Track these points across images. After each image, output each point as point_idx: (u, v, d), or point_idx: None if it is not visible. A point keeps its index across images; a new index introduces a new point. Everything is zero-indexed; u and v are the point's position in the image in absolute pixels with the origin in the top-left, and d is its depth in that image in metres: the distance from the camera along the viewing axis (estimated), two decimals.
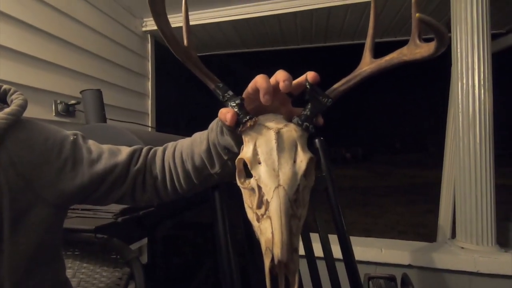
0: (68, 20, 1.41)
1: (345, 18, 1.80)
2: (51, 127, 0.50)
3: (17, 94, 0.46)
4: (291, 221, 0.32)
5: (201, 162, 0.50)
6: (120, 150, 0.54)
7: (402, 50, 0.37)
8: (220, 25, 1.88)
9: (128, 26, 1.85)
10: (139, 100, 1.98)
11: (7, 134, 0.42)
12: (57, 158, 0.47)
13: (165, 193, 0.56)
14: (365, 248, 1.44)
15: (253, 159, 0.35)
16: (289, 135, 0.36)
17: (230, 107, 0.38)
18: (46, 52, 1.29)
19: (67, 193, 0.48)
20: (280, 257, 0.29)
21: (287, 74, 0.37)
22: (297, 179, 0.34)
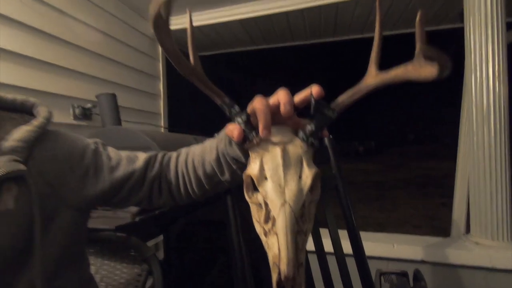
0: (83, 26, 1.46)
1: (353, 12, 1.78)
2: (73, 136, 0.53)
3: (42, 106, 0.50)
4: (297, 237, 0.33)
5: (211, 170, 0.52)
6: (137, 156, 0.57)
7: (407, 67, 0.37)
8: (228, 24, 1.89)
9: (139, 29, 1.89)
10: (151, 100, 2.03)
11: (35, 145, 0.45)
12: (79, 166, 0.51)
13: (179, 197, 0.59)
14: (377, 243, 1.44)
15: (260, 175, 0.36)
16: (294, 152, 0.37)
17: (237, 123, 0.39)
18: (62, 58, 1.34)
19: (90, 198, 0.52)
20: (286, 273, 0.31)
21: (288, 97, 0.37)
22: (303, 195, 0.35)
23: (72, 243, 0.51)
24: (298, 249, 0.33)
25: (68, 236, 0.50)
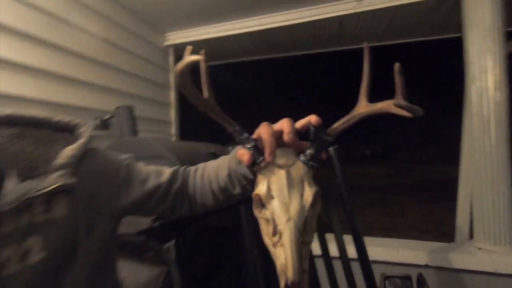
0: (101, 41, 1.55)
1: (357, 24, 1.85)
2: (109, 153, 0.61)
3: (84, 127, 0.57)
4: (301, 247, 0.38)
5: (224, 185, 0.60)
6: (163, 171, 0.65)
7: (390, 103, 0.44)
8: (237, 36, 1.97)
9: (152, 42, 1.98)
10: (163, 109, 2.11)
11: (80, 162, 0.52)
12: (114, 180, 0.58)
13: (196, 208, 0.67)
14: (381, 248, 1.49)
15: (267, 194, 0.41)
16: (297, 173, 0.42)
17: (246, 148, 0.45)
18: (82, 73, 1.43)
19: (123, 208, 0.59)
20: (292, 279, 0.36)
21: (291, 127, 0.44)
22: (305, 211, 0.40)
23: (107, 248, 0.58)
24: (302, 258, 0.37)
25: (105, 242, 0.57)
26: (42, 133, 0.53)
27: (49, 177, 0.47)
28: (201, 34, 2.01)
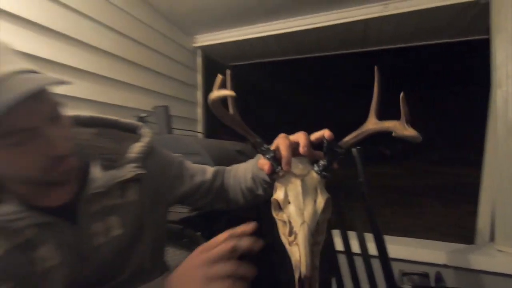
0: (138, 45, 1.67)
1: (382, 27, 1.87)
2: (165, 152, 0.72)
3: (145, 128, 0.68)
4: (313, 247, 0.44)
5: (250, 185, 0.69)
6: (207, 169, 0.76)
7: (396, 124, 0.50)
8: (263, 38, 2.05)
9: (182, 44, 2.10)
10: (190, 108, 2.23)
11: (146, 157, 0.63)
12: (170, 173, 0.69)
13: (230, 203, 0.77)
14: (400, 246, 1.53)
15: (285, 200, 0.47)
16: (311, 182, 0.48)
17: (266, 158, 0.51)
18: (122, 74, 1.56)
19: (175, 197, 0.70)
20: (305, 274, 0.42)
21: (306, 140, 0.50)
22: (317, 216, 0.46)
23: (162, 228, 0.69)
24: (314, 256, 0.43)
25: (161, 223, 0.68)
26: (114, 132, 0.64)
27: (126, 167, 0.58)
28: (228, 37, 2.10)
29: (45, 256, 0.50)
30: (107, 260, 0.56)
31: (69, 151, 0.49)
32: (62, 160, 0.48)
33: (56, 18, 1.21)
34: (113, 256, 0.56)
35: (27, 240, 0.48)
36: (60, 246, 0.51)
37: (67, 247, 0.52)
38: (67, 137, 0.49)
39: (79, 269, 0.53)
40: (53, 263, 0.50)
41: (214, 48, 2.26)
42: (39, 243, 0.49)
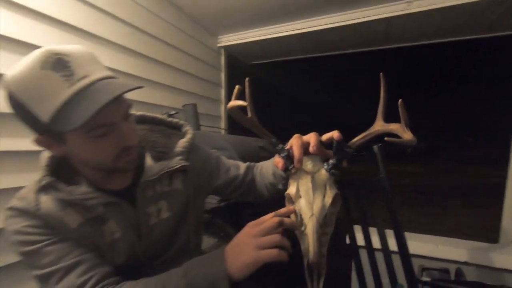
0: (165, 46, 1.78)
1: (405, 25, 1.87)
2: (204, 147, 0.81)
3: (188, 126, 0.77)
4: (321, 237, 0.49)
5: (272, 181, 0.76)
6: (240, 165, 0.84)
7: (398, 127, 0.55)
8: (284, 38, 2.10)
9: (207, 44, 2.19)
10: (214, 105, 2.33)
11: (189, 151, 0.72)
12: (209, 166, 0.78)
13: (257, 197, 0.84)
14: (420, 243, 1.55)
15: (296, 194, 0.53)
16: (320, 179, 0.53)
17: (280, 157, 0.58)
18: (153, 74, 1.67)
19: (212, 188, 0.79)
20: (312, 260, 0.48)
21: (316, 139, 0.56)
22: (325, 209, 0.51)
23: (201, 216, 0.78)
24: (321, 245, 0.49)
25: (200, 209, 0.77)
26: (163, 129, 0.74)
27: (174, 160, 0.67)
28: (250, 37, 2.17)
29: (111, 230, 0.60)
30: (157, 238, 0.65)
31: (135, 143, 0.58)
32: (129, 150, 0.57)
33: (94, 22, 1.32)
34: (162, 235, 0.66)
35: (97, 215, 0.59)
36: (122, 222, 0.61)
37: (128, 224, 0.61)
38: (134, 131, 0.59)
39: (137, 244, 0.63)
40: (117, 236, 0.60)
41: (237, 47, 2.33)
42: (106, 219, 0.60)
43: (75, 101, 0.49)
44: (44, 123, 0.50)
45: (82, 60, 0.52)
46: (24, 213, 0.55)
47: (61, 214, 0.56)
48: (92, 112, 0.47)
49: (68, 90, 0.49)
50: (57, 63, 0.49)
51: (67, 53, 0.50)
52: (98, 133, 0.52)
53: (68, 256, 0.55)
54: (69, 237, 0.57)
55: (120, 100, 0.55)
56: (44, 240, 0.55)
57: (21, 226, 0.55)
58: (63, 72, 0.49)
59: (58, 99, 0.48)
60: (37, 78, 0.48)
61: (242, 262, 0.48)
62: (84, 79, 0.50)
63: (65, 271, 0.54)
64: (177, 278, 0.51)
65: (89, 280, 0.54)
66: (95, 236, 0.59)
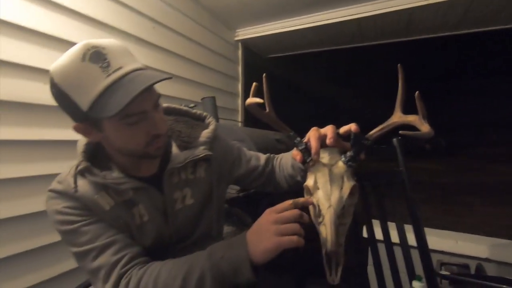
0: (185, 39, 1.81)
1: (428, 16, 1.82)
2: (226, 138, 0.84)
3: (211, 117, 0.80)
4: (339, 227, 0.50)
5: (291, 173, 0.78)
6: (260, 156, 0.87)
7: (416, 119, 0.54)
8: (302, 31, 2.09)
9: (225, 38, 2.21)
10: (231, 99, 2.35)
11: (212, 141, 0.74)
12: (230, 156, 0.81)
13: (277, 187, 0.86)
14: (440, 238, 1.53)
15: (314, 186, 0.54)
16: (337, 171, 0.54)
17: (298, 150, 0.59)
18: (172, 67, 1.71)
19: (233, 178, 0.82)
20: (330, 249, 0.49)
21: (333, 132, 0.57)
22: (343, 201, 0.52)
23: (223, 204, 0.81)
24: (339, 235, 0.50)
25: (222, 198, 0.79)
26: (187, 120, 0.77)
27: (198, 149, 0.70)
28: (267, 30, 2.17)
29: (140, 213, 0.64)
30: (182, 223, 0.69)
31: (165, 130, 0.61)
32: (159, 138, 0.60)
33: (117, 16, 1.36)
34: (186, 220, 0.69)
35: (127, 199, 0.63)
36: (150, 207, 0.65)
37: (155, 208, 0.65)
38: (164, 120, 0.62)
39: (164, 228, 0.67)
40: (145, 219, 0.64)
41: (254, 41, 2.34)
42: (136, 203, 0.64)
43: (111, 90, 0.52)
44: (84, 111, 0.53)
45: (117, 52, 0.55)
46: (64, 195, 0.60)
47: (95, 197, 0.60)
48: (126, 101, 0.50)
49: (105, 80, 0.52)
50: (95, 55, 0.52)
51: (104, 46, 0.54)
52: (131, 121, 0.56)
53: (103, 236, 0.59)
54: (103, 219, 0.61)
55: (151, 90, 0.58)
56: (82, 221, 0.59)
57: (61, 207, 0.59)
58: (101, 64, 0.52)
59: (96, 89, 0.52)
60: (78, 69, 0.52)
61: (264, 247, 0.49)
62: (119, 70, 0.53)
63: (100, 249, 0.58)
64: (202, 260, 0.53)
65: (122, 259, 0.58)
66: (126, 219, 0.62)
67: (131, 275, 0.57)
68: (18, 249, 0.99)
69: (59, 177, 0.63)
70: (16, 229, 0.99)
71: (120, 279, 0.56)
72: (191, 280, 0.53)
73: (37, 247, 1.04)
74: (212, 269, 0.52)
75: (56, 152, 1.10)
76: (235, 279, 0.52)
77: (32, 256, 1.03)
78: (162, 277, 0.55)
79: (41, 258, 1.05)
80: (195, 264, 0.54)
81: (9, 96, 0.97)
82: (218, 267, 0.52)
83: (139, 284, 0.55)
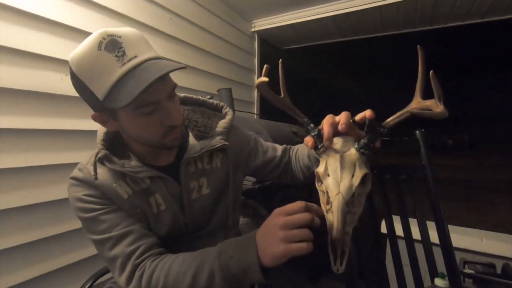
0: (201, 30, 1.80)
1: (455, 2, 1.72)
2: (243, 129, 0.83)
3: (228, 108, 0.78)
4: (346, 216, 0.48)
5: (306, 163, 0.76)
6: (277, 147, 0.85)
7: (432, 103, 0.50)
8: (320, 20, 2.03)
9: (241, 29, 2.19)
10: (247, 91, 2.34)
11: (229, 132, 0.73)
12: (247, 147, 0.80)
13: (293, 179, 0.84)
14: (464, 236, 1.46)
15: (324, 173, 0.52)
16: (349, 158, 0.51)
17: (311, 136, 0.56)
18: (189, 59, 1.71)
19: (250, 168, 0.81)
20: (335, 237, 0.47)
21: (346, 118, 0.54)
22: (352, 189, 0.49)
23: (239, 195, 0.80)
24: (346, 223, 0.48)
25: (238, 189, 0.78)
26: (204, 110, 0.76)
27: (214, 139, 0.69)
28: (285, 20, 2.12)
29: (157, 202, 0.64)
30: (198, 212, 0.69)
31: (179, 121, 0.61)
32: (174, 129, 0.60)
33: (135, 8, 1.37)
34: (202, 210, 0.69)
35: (145, 188, 0.63)
36: (167, 196, 0.65)
37: (172, 197, 0.66)
38: (178, 111, 0.61)
39: (180, 217, 0.67)
40: (162, 208, 0.65)
41: (270, 32, 2.30)
42: (153, 192, 0.64)
43: (124, 80, 0.52)
44: (100, 100, 0.54)
45: (132, 41, 0.54)
46: (84, 183, 0.61)
47: (114, 186, 0.61)
48: (137, 92, 0.49)
49: (120, 70, 0.52)
50: (111, 44, 0.52)
51: (120, 34, 0.53)
52: (145, 111, 0.55)
53: (120, 225, 0.60)
54: (121, 208, 0.62)
55: (165, 80, 0.57)
56: (101, 209, 0.61)
57: (82, 194, 0.61)
58: (116, 53, 0.52)
59: (111, 78, 0.52)
60: (94, 58, 0.52)
61: (272, 253, 0.48)
62: (134, 59, 0.53)
63: (116, 239, 0.59)
64: (212, 259, 0.53)
65: (137, 249, 0.59)
66: (143, 207, 0.63)
67: (144, 266, 0.58)
68: (45, 234, 1.03)
69: (80, 164, 0.65)
70: (43, 215, 1.03)
71: (135, 270, 0.58)
72: (201, 278, 0.53)
73: (62, 232, 1.08)
74: (221, 269, 0.52)
75: (77, 141, 1.13)
76: (245, 279, 0.51)
77: (54, 242, 1.07)
78: (173, 272, 0.55)
79: (64, 243, 1.09)
80: (204, 262, 0.54)
81: (30, 86, 0.99)
82: (228, 267, 0.51)
83: (152, 277, 0.56)
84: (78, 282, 1.04)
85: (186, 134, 0.71)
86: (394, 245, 1.11)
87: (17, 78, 0.96)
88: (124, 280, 0.58)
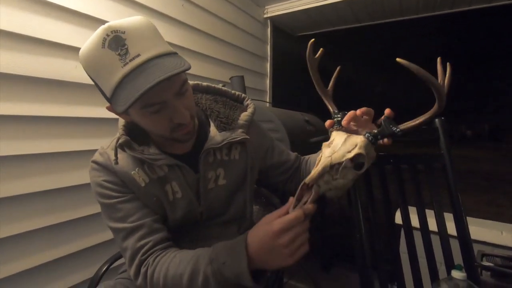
0: (213, 17, 1.77)
1: None
2: (261, 124, 0.82)
3: (249, 100, 0.77)
4: (325, 174, 0.53)
5: None
6: (290, 152, 0.86)
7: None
8: (335, 5, 1.96)
9: (254, 15, 2.14)
10: (259, 79, 2.31)
11: (249, 125, 0.72)
12: (264, 144, 0.79)
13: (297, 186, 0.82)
14: (482, 228, 1.42)
15: (328, 144, 0.57)
16: (353, 140, 0.55)
17: (334, 118, 0.61)
18: (200, 46, 1.69)
19: (265, 166, 0.81)
20: (305, 180, 0.52)
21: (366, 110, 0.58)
22: (342, 160, 0.53)
23: (253, 185, 0.80)
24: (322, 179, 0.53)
25: (253, 181, 0.78)
26: (226, 100, 0.75)
27: (236, 131, 0.69)
28: (298, 5, 2.06)
29: (174, 190, 0.65)
30: (213, 202, 0.69)
31: (187, 120, 0.59)
32: (182, 126, 0.60)
33: None
34: (217, 200, 0.70)
35: (163, 175, 0.64)
36: (184, 184, 0.66)
37: (188, 186, 0.66)
38: (188, 107, 0.60)
39: (195, 205, 0.68)
40: (178, 196, 0.66)
41: (284, 18, 2.24)
42: (170, 179, 0.65)
43: (125, 82, 0.51)
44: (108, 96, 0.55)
45: (137, 36, 0.52)
46: (104, 168, 0.63)
47: (132, 173, 0.62)
48: (134, 98, 0.49)
49: (122, 70, 0.51)
50: (114, 41, 0.51)
51: (125, 29, 0.52)
52: (152, 110, 0.56)
53: (134, 216, 0.62)
54: (137, 197, 0.64)
55: (172, 79, 0.55)
56: (118, 197, 0.63)
57: (102, 180, 0.63)
58: (119, 51, 0.51)
59: (113, 79, 0.51)
60: (98, 56, 0.51)
61: (278, 265, 0.51)
62: (136, 59, 0.51)
63: (128, 231, 0.62)
64: (205, 264, 0.54)
65: (144, 246, 0.61)
66: (159, 195, 0.64)
67: (148, 263, 0.60)
68: (63, 219, 1.07)
69: (101, 148, 0.66)
70: (65, 199, 1.07)
71: (141, 266, 0.60)
72: (197, 281, 0.54)
73: (78, 217, 1.11)
74: (215, 275, 0.53)
75: (92, 129, 1.14)
76: (239, 283, 0.53)
77: (73, 225, 1.11)
78: (170, 273, 0.57)
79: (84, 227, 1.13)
80: (199, 266, 0.55)
81: (45, 74, 1.01)
82: (221, 273, 0.52)
83: (153, 276, 0.58)
84: (94, 265, 1.09)
85: (207, 123, 0.71)
86: (410, 236, 1.09)
87: (35, 66, 0.97)
88: (133, 273, 0.61)
